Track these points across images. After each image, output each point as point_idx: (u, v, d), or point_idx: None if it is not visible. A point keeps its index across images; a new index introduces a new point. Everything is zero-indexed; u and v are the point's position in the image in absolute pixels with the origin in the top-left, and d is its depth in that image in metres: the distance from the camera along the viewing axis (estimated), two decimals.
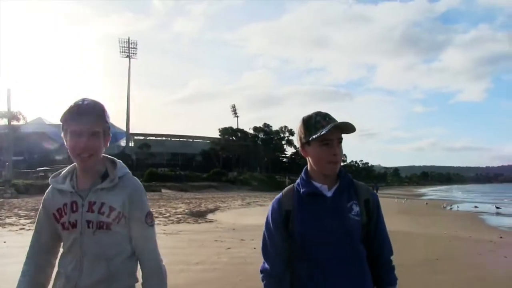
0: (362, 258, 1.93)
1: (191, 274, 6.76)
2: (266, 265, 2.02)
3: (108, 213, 1.86)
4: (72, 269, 1.85)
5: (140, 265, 1.95)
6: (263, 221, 2.01)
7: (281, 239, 1.96)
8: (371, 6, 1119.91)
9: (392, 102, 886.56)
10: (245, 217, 18.87)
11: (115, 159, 2.01)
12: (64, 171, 1.99)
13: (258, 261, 2.04)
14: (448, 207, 29.28)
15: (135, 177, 2.00)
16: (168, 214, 19.10)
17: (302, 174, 2.03)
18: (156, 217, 17.11)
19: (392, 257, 2.00)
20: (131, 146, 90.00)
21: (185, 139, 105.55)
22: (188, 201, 29.19)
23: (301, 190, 1.97)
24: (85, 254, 1.85)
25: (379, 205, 2.02)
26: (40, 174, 52.05)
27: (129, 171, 1.99)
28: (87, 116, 1.83)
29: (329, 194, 1.94)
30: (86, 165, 1.89)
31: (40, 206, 2.00)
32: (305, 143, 1.96)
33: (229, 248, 9.49)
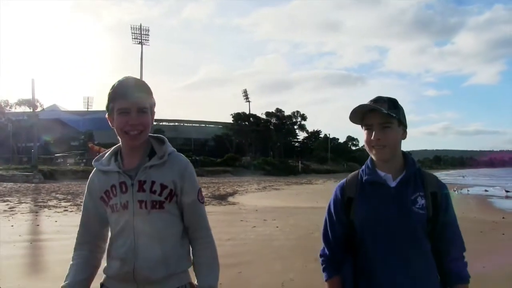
0: (425, 253, 1.85)
1: (224, 248, 7.76)
2: (326, 251, 2.01)
3: (160, 192, 1.82)
4: (126, 252, 1.81)
5: (192, 241, 1.92)
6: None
7: (341, 226, 1.94)
8: None
9: (404, 85, 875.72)
10: (264, 200, 19.83)
11: (162, 136, 1.98)
12: (107, 153, 1.96)
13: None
14: (458, 191, 29.96)
15: (181, 154, 1.95)
16: None
17: (368, 161, 1.97)
18: None
19: (464, 253, 1.90)
20: None
21: (198, 124, 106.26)
22: (206, 185, 30.33)
23: (364, 178, 1.93)
24: (139, 235, 1.80)
25: (449, 198, 1.90)
26: (59, 160, 53.58)
27: (175, 149, 1.94)
28: (134, 92, 1.81)
29: (393, 184, 1.87)
30: (135, 143, 1.85)
31: (85, 192, 1.97)
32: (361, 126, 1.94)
33: (254, 226, 10.56)
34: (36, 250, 7.70)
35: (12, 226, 10.60)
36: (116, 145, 1.95)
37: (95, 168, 1.94)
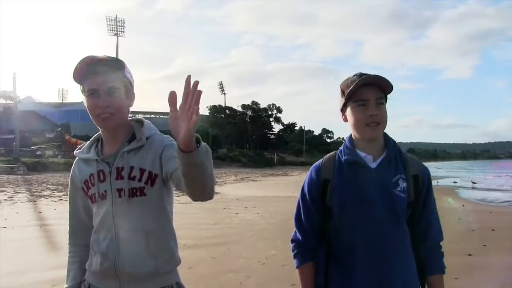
0: (405, 239, 1.76)
1: (213, 231, 8.73)
2: (299, 236, 1.89)
3: (140, 177, 1.69)
4: (107, 246, 1.70)
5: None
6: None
7: (317, 210, 1.83)
8: None
9: None
10: (244, 190, 20.73)
11: (143, 119, 1.85)
12: (89, 140, 1.87)
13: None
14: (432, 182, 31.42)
15: (166, 135, 1.80)
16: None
17: (347, 141, 1.87)
18: None
19: (441, 243, 1.83)
20: None
21: None
22: None
23: (343, 158, 1.81)
24: (121, 227, 1.69)
25: (431, 182, 1.83)
26: (37, 152, 53.26)
27: (158, 131, 1.82)
28: (100, 70, 1.66)
29: (373, 165, 1.77)
30: (108, 126, 1.72)
31: (69, 183, 1.89)
32: (343, 106, 1.82)
33: (237, 213, 11.54)
34: (47, 233, 8.60)
35: (17, 213, 11.45)
36: (98, 132, 1.84)
37: (76, 158, 1.85)
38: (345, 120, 1.83)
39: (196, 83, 1.28)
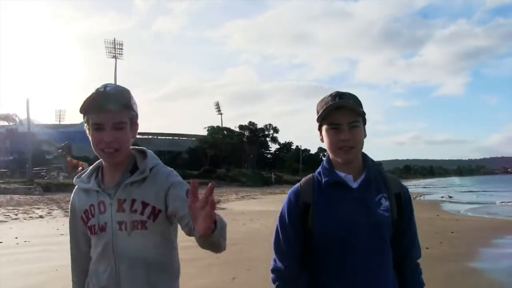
0: (389, 259, 1.72)
1: (227, 236, 10.83)
2: (279, 265, 1.80)
3: (142, 210, 1.66)
4: (107, 278, 1.67)
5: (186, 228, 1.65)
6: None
7: (297, 235, 1.75)
8: (351, 2, 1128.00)
9: (373, 96, 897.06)
10: (247, 206, 22.94)
11: (145, 149, 1.81)
12: (89, 169, 1.83)
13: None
14: (419, 198, 33.89)
15: (166, 166, 1.78)
16: None
17: (324, 162, 1.80)
18: None
19: (419, 260, 1.83)
20: None
21: (171, 137, 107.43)
22: None
23: (323, 180, 1.74)
24: (121, 260, 1.66)
25: (411, 201, 1.80)
26: (41, 174, 54.87)
27: (161, 162, 1.78)
28: (109, 105, 1.61)
29: (354, 185, 1.72)
30: (112, 161, 1.71)
31: (69, 211, 1.85)
32: (319, 127, 1.78)
33: (244, 224, 13.70)
34: None
35: (63, 224, 13.14)
36: (99, 160, 1.80)
37: (76, 186, 1.82)
38: (322, 140, 1.78)
39: (212, 186, 1.33)
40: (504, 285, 6.34)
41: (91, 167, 1.84)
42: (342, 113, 1.69)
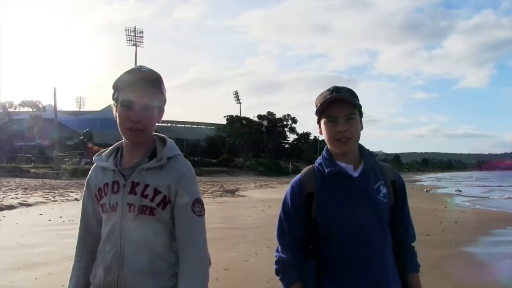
0: (389, 243, 1.82)
1: (249, 220, 12.00)
2: (284, 255, 1.85)
3: (152, 197, 1.67)
4: (111, 259, 1.69)
5: (179, 260, 1.69)
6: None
7: (301, 225, 1.81)
8: None
9: (393, 88, 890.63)
10: (265, 194, 24.15)
11: (166, 137, 1.82)
12: (110, 148, 1.85)
13: None
14: (432, 191, 34.53)
15: (187, 160, 1.79)
16: (210, 191, 24.53)
17: (324, 153, 1.87)
18: (202, 193, 22.57)
19: (414, 243, 1.94)
20: None
21: (190, 125, 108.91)
22: (210, 183, 34.65)
23: (326, 170, 1.81)
24: (126, 242, 1.67)
25: (405, 187, 1.92)
26: (65, 159, 56.36)
27: (181, 153, 1.79)
28: (141, 85, 1.65)
29: (355, 174, 1.80)
30: (135, 141, 1.72)
31: (84, 188, 1.86)
32: (318, 120, 1.86)
33: (263, 210, 14.81)
34: None
35: None
36: (120, 141, 1.81)
37: (95, 163, 1.83)
38: (321, 133, 1.85)
39: None
40: (491, 265, 7.28)
41: (111, 146, 1.86)
42: (339, 106, 1.78)
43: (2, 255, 6.94)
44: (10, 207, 14.55)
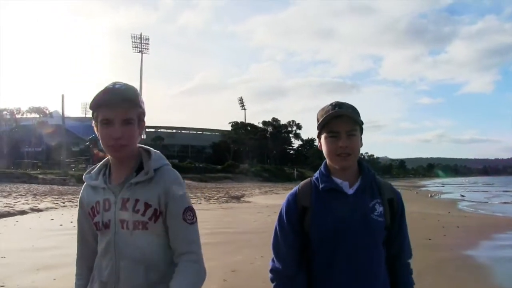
0: (382, 263, 1.82)
1: (255, 225, 12.27)
2: (278, 265, 1.88)
3: (144, 211, 1.70)
4: (108, 275, 1.72)
5: (176, 268, 1.72)
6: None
7: (295, 237, 1.84)
8: None
9: (398, 93, 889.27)
10: (270, 200, 24.37)
11: (151, 149, 1.85)
12: (98, 166, 1.87)
13: None
14: (436, 196, 34.78)
15: (174, 169, 1.82)
16: (216, 198, 24.96)
17: (322, 168, 1.88)
18: (208, 199, 23.50)
19: (410, 260, 1.93)
20: (143, 139, 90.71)
21: (195, 132, 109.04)
22: (216, 190, 35.07)
23: (320, 186, 1.83)
24: (121, 257, 1.71)
25: (403, 205, 1.90)
26: (71, 165, 56.90)
27: (168, 163, 1.82)
28: (118, 101, 1.67)
29: (350, 191, 1.81)
30: (120, 157, 1.75)
31: (78, 206, 1.89)
32: (318, 134, 1.87)
33: (269, 215, 14.97)
34: None
35: None
36: (107, 158, 1.84)
37: (85, 182, 1.86)
38: (320, 148, 1.86)
39: None
40: (488, 267, 7.50)
41: (100, 163, 1.88)
42: (341, 122, 1.78)
43: (21, 257, 7.28)
44: (22, 212, 15.02)
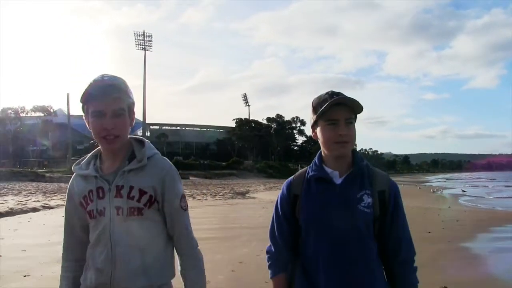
0: (370, 255, 1.80)
1: (260, 220, 12.66)
2: (272, 248, 1.97)
3: (139, 197, 1.74)
4: (103, 261, 1.74)
5: (178, 253, 1.87)
6: None
7: (288, 225, 1.90)
8: None
9: (402, 89, 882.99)
10: (274, 196, 23.83)
11: (143, 138, 1.89)
12: (87, 157, 1.88)
13: None
14: (438, 191, 35.17)
15: (165, 157, 1.87)
16: (222, 194, 25.52)
17: (316, 157, 1.92)
18: (214, 196, 24.09)
19: (414, 257, 1.87)
20: (148, 136, 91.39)
21: (199, 129, 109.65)
22: (221, 187, 35.61)
23: (310, 174, 1.87)
24: (117, 243, 1.73)
25: (398, 197, 1.86)
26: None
27: (158, 152, 1.86)
28: (108, 93, 1.69)
29: (338, 181, 1.82)
30: (112, 147, 1.77)
31: (66, 197, 1.90)
32: (314, 123, 1.88)
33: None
34: None
35: None
36: (97, 148, 1.86)
37: (75, 173, 1.87)
38: (315, 137, 1.89)
39: None
40: (483, 257, 7.90)
41: (89, 154, 1.89)
42: (339, 110, 1.78)
43: (40, 251, 7.73)
44: (34, 210, 15.57)
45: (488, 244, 9.26)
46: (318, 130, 1.86)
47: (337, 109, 1.79)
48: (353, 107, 1.81)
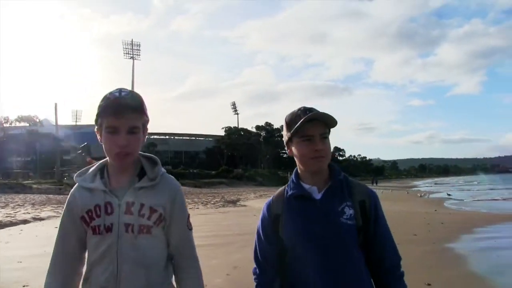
0: (358, 265, 1.79)
1: (252, 227, 12.82)
2: (257, 270, 1.96)
3: (149, 215, 1.72)
4: (107, 279, 1.70)
5: (178, 270, 1.84)
6: None
7: (269, 245, 1.88)
8: (367, 2, 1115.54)
9: (390, 96, 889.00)
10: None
11: (153, 156, 1.86)
12: (92, 168, 1.83)
13: None
14: (425, 196, 35.74)
15: (172, 176, 1.86)
16: (213, 202, 25.71)
17: (292, 175, 1.92)
18: (205, 204, 24.25)
19: (400, 263, 1.87)
20: None
21: (188, 137, 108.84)
22: (211, 195, 35.68)
23: (289, 193, 1.87)
24: (124, 261, 1.70)
25: (378, 205, 1.87)
26: (64, 174, 56.91)
27: (165, 171, 1.85)
28: (125, 109, 1.66)
29: (318, 196, 1.82)
30: (123, 164, 1.75)
31: (64, 209, 1.82)
32: (288, 140, 1.88)
33: None
34: None
35: None
36: (102, 160, 1.83)
37: (76, 184, 1.81)
38: (290, 153, 1.88)
39: None
40: (466, 256, 8.21)
41: (93, 167, 1.84)
42: (314, 125, 1.78)
43: (37, 262, 7.75)
44: (25, 222, 15.47)
45: (471, 244, 9.63)
46: (293, 146, 1.87)
47: (312, 125, 1.79)
48: (327, 122, 1.82)
